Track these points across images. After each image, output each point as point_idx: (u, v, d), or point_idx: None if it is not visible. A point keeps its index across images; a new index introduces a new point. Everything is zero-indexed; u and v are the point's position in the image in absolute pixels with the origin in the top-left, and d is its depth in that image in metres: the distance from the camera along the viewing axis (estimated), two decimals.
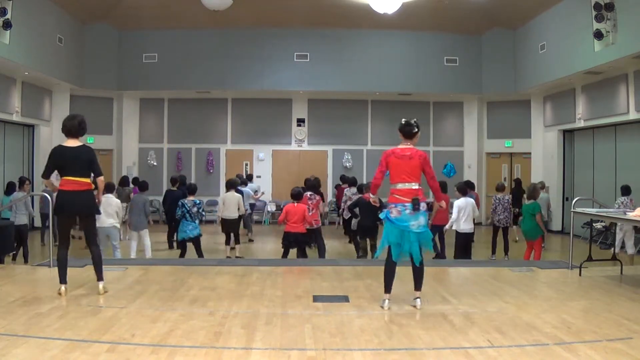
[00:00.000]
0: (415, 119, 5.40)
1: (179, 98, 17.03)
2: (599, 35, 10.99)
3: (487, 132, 17.27)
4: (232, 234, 10.47)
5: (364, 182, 12.56)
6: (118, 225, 8.87)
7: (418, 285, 5.25)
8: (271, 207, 16.54)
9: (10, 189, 10.04)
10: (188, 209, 9.05)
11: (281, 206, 15.25)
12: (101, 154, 16.71)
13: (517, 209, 13.35)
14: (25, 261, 8.92)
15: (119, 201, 8.97)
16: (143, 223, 9.54)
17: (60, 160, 5.51)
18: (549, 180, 15.14)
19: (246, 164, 17.28)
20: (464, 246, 9.07)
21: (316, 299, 5.54)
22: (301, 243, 8.78)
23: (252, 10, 14.57)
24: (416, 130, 5.28)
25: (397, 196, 5.15)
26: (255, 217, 15.50)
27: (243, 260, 9.59)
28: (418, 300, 5.21)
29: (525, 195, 9.68)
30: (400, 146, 5.27)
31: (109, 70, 15.63)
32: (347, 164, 17.12)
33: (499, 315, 4.97)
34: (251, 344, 4.09)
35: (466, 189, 9.41)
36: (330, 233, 13.04)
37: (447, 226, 9.23)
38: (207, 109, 17.12)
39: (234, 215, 10.27)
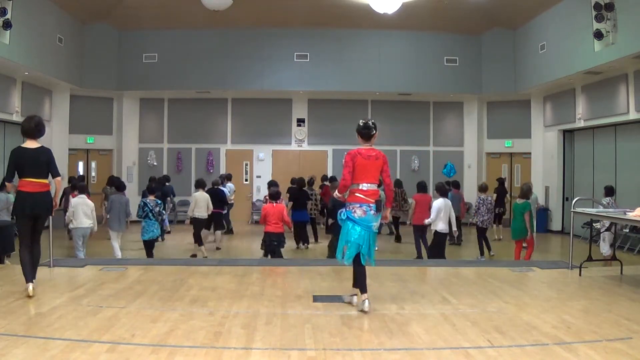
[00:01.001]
0: (372, 120, 5.51)
1: (179, 98, 17.03)
2: (599, 35, 10.98)
3: (487, 132, 17.27)
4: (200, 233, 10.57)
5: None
6: (94, 227, 8.90)
7: (365, 288, 5.15)
8: None
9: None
10: (150, 208, 9.14)
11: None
12: (101, 154, 16.75)
13: (500, 209, 13.43)
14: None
15: (92, 203, 8.95)
16: (124, 224, 9.45)
17: (20, 162, 5.56)
18: (549, 180, 15.17)
19: (246, 164, 17.29)
20: (438, 246, 9.12)
21: (316, 299, 5.54)
22: (280, 243, 8.72)
23: (252, 10, 14.57)
24: (374, 132, 5.41)
25: (361, 196, 5.14)
26: (255, 218, 15.53)
27: (243, 260, 9.59)
28: (367, 302, 5.05)
29: (519, 194, 9.67)
30: (364, 147, 5.31)
31: (109, 70, 15.63)
32: None
33: (499, 315, 4.97)
34: (251, 344, 4.09)
35: (445, 189, 9.43)
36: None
37: (426, 221, 9.35)
38: (207, 109, 17.12)
39: (204, 214, 10.43)
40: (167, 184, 13.64)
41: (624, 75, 11.78)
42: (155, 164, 17.03)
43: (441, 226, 9.03)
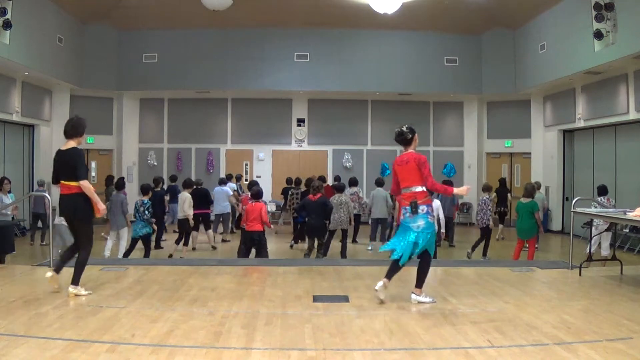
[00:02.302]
0: (406, 125, 5.53)
1: (179, 98, 17.03)
2: (599, 35, 10.99)
3: (487, 132, 17.28)
4: (184, 233, 10.67)
5: (362, 181, 12.54)
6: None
7: (420, 283, 5.43)
8: (271, 207, 16.51)
9: None
10: (136, 208, 9.46)
11: (280, 206, 15.30)
12: (101, 154, 16.75)
13: (502, 208, 13.43)
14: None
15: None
16: (122, 222, 9.64)
17: (54, 163, 5.54)
18: (549, 180, 15.17)
19: (246, 164, 17.30)
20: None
21: (316, 299, 5.54)
22: (257, 242, 8.66)
23: (252, 10, 14.57)
24: (410, 136, 5.46)
25: (403, 200, 5.40)
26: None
27: (243, 260, 9.57)
28: (413, 295, 5.39)
29: (523, 194, 9.67)
30: (402, 153, 5.52)
31: (109, 70, 15.63)
32: (347, 164, 17.12)
33: (499, 315, 4.96)
34: (251, 344, 4.08)
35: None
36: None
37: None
38: (207, 109, 17.12)
39: (181, 215, 10.63)
40: (173, 183, 13.63)
41: (624, 75, 11.78)
42: (155, 164, 17.03)
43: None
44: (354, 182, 12.69)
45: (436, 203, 9.13)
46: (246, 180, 15.29)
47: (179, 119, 17.17)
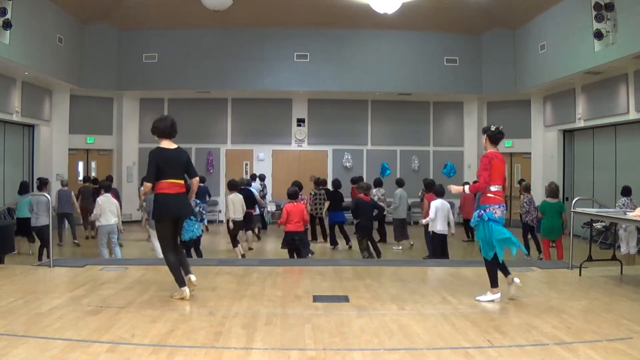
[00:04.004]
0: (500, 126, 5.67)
1: (179, 98, 17.03)
2: (599, 35, 10.98)
3: None
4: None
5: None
6: (120, 224, 9.31)
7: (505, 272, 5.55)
8: (271, 207, 16.52)
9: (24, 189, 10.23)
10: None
11: (280, 206, 15.27)
12: (101, 154, 16.76)
13: None
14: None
15: (117, 202, 9.43)
16: (151, 222, 9.59)
17: (161, 163, 5.40)
18: (549, 180, 15.09)
19: (246, 164, 17.29)
20: (440, 246, 9.14)
21: (316, 299, 5.54)
22: (301, 242, 8.70)
23: (252, 10, 14.57)
24: (500, 135, 5.62)
25: (499, 197, 5.45)
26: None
27: (243, 260, 9.59)
28: (516, 279, 5.50)
29: (548, 194, 9.71)
30: (493, 150, 5.55)
31: (109, 70, 15.62)
32: (347, 164, 17.12)
33: (499, 315, 4.97)
34: (251, 344, 4.09)
35: (441, 190, 9.41)
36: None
37: (423, 221, 9.49)
38: (207, 109, 17.11)
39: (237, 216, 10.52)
40: (202, 184, 13.56)
41: (624, 75, 11.77)
42: None
43: (440, 227, 9.02)
44: (378, 183, 12.57)
45: (445, 203, 9.13)
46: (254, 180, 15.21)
47: (179, 119, 16.66)
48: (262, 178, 14.78)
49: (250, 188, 12.55)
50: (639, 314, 5.02)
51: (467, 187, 6.09)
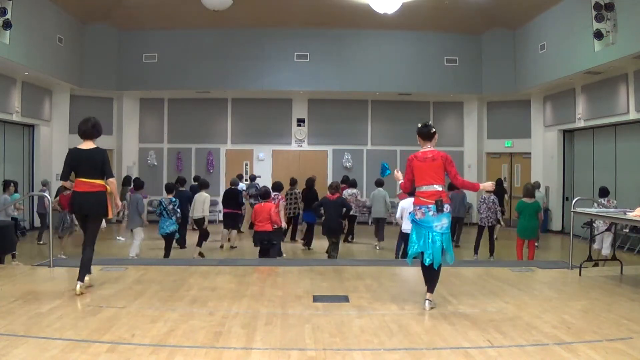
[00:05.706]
0: (430, 121, 5.53)
1: (179, 98, 17.03)
2: (599, 35, 10.99)
3: (487, 132, 17.27)
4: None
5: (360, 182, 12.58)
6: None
7: (431, 288, 5.21)
8: None
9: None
10: (164, 206, 9.62)
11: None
12: None
13: (501, 208, 13.51)
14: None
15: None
16: (135, 221, 9.92)
17: (75, 162, 5.71)
18: (549, 181, 15.17)
19: (246, 164, 17.29)
20: (405, 246, 9.12)
21: (316, 299, 5.54)
22: (267, 242, 8.62)
23: (252, 10, 14.58)
24: (434, 130, 5.41)
25: (421, 198, 5.19)
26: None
27: (243, 260, 9.60)
28: (427, 302, 5.13)
29: (524, 194, 9.70)
30: (422, 149, 5.37)
31: (109, 70, 15.63)
32: (347, 164, 17.12)
33: (499, 315, 4.96)
34: (251, 344, 4.08)
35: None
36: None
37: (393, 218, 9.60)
38: (207, 109, 17.12)
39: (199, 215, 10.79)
40: (195, 183, 13.59)
41: (624, 75, 11.78)
42: (155, 164, 17.04)
43: (405, 226, 8.92)
44: (352, 184, 12.78)
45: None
46: (246, 180, 15.23)
47: (179, 119, 17.17)
48: (252, 178, 14.73)
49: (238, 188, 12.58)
50: (639, 314, 5.02)
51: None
